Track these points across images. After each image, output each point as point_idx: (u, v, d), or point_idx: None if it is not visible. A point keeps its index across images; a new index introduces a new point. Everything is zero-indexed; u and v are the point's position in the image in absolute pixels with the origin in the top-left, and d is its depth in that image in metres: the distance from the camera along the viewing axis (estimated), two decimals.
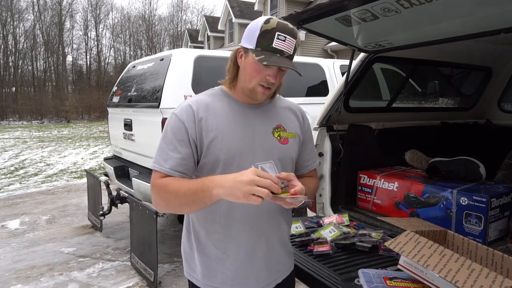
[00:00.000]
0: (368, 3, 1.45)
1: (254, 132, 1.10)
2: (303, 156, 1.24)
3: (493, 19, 1.48)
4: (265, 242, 1.13)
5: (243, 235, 1.10)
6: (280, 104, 1.21)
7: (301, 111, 1.26)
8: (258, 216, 1.11)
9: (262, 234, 1.12)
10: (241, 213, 1.09)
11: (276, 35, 1.01)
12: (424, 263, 1.05)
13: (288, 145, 1.15)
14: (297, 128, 1.20)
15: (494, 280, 0.95)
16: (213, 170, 1.07)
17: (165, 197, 1.03)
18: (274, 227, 1.16)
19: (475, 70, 2.93)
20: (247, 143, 1.07)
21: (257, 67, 1.03)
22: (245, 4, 19.32)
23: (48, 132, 17.16)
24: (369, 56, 2.23)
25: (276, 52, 1.01)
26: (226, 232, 1.10)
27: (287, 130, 1.16)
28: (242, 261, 1.11)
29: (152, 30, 39.87)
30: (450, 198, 1.75)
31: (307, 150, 1.25)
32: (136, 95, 3.63)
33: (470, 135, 2.77)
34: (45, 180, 7.01)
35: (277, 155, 1.11)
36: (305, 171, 1.27)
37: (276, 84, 1.08)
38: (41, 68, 34.02)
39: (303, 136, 1.22)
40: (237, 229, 1.10)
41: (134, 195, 3.31)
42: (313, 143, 1.30)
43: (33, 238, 3.98)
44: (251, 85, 1.06)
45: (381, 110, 2.68)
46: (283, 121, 1.17)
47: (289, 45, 1.03)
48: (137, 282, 2.96)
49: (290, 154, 1.16)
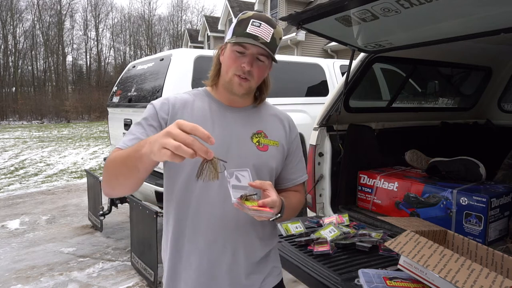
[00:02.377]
0: (368, 3, 1.45)
1: (231, 135, 1.03)
2: (288, 168, 1.15)
3: (493, 19, 1.48)
4: (230, 255, 1.03)
5: (206, 243, 1.02)
6: (266, 111, 1.15)
7: (289, 120, 1.18)
8: (224, 224, 1.02)
9: (228, 246, 1.03)
10: (208, 219, 1.02)
11: (251, 21, 0.99)
12: (424, 263, 1.05)
13: (267, 153, 1.07)
14: (282, 137, 1.12)
15: (494, 280, 0.95)
16: (179, 171, 1.01)
17: (107, 168, 0.92)
18: (242, 239, 1.05)
19: (475, 70, 2.93)
20: (221, 146, 1.00)
21: (233, 55, 1.00)
22: (245, 4, 19.33)
23: (48, 132, 17.16)
24: (369, 56, 2.23)
25: (249, 37, 0.97)
26: (192, 237, 1.03)
27: (268, 137, 1.08)
28: (204, 271, 1.03)
29: (152, 30, 39.90)
30: (450, 198, 1.75)
31: (293, 162, 1.16)
32: (136, 95, 3.63)
33: (470, 135, 2.77)
34: (45, 180, 7.01)
35: (252, 162, 1.03)
36: (290, 185, 1.17)
37: (255, 77, 1.01)
38: (41, 68, 34.05)
39: (288, 146, 1.14)
40: (202, 236, 1.02)
41: (134, 195, 3.31)
42: (301, 155, 1.20)
43: (33, 238, 3.98)
44: (228, 76, 1.02)
45: (381, 110, 2.68)
46: (265, 127, 1.09)
47: (264, 31, 0.99)
48: (137, 282, 2.96)
49: (268, 162, 1.07)
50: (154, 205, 3.06)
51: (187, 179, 1.01)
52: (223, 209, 1.01)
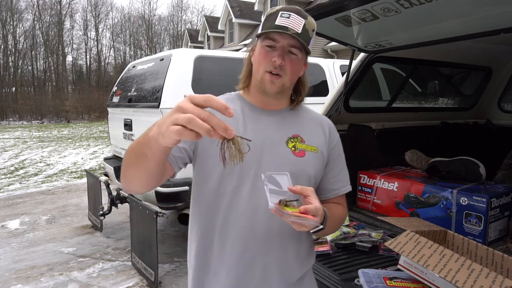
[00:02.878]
0: (368, 3, 1.45)
1: (264, 139, 0.95)
2: (329, 178, 1.05)
3: (493, 19, 1.48)
4: (260, 269, 0.94)
5: (234, 256, 0.93)
6: (304, 114, 1.06)
7: (330, 125, 1.08)
8: (254, 234, 0.93)
9: (257, 259, 0.93)
10: (237, 230, 0.93)
11: (280, 13, 0.92)
12: (424, 263, 1.05)
13: (304, 159, 0.97)
14: (321, 143, 1.02)
15: (494, 280, 0.95)
16: (210, 175, 0.94)
17: (123, 160, 0.84)
18: (276, 254, 0.95)
19: (475, 70, 2.93)
20: (253, 151, 0.91)
21: (263, 51, 0.93)
22: (245, 4, 19.33)
23: (48, 132, 17.15)
24: (369, 56, 2.24)
25: (278, 28, 0.90)
26: (219, 250, 0.95)
27: (305, 142, 0.99)
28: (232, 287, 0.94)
29: (152, 30, 39.90)
30: (450, 198, 1.75)
31: (334, 171, 1.05)
32: (136, 95, 3.63)
33: (470, 135, 2.77)
34: (45, 180, 7.01)
35: (288, 169, 0.92)
36: (331, 196, 1.06)
37: (288, 72, 0.93)
38: (41, 68, 34.06)
39: (328, 153, 1.03)
40: (230, 249, 0.93)
41: (134, 195, 3.31)
42: (344, 163, 1.09)
43: (33, 238, 3.98)
44: (259, 75, 0.95)
45: (381, 110, 2.68)
46: (302, 132, 1.00)
47: (295, 22, 0.91)
48: (137, 282, 2.96)
49: (306, 169, 0.97)
50: (154, 205, 3.06)
51: (216, 185, 0.94)
52: (254, 218, 0.92)
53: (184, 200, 3.03)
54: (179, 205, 3.06)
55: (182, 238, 3.89)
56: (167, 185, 2.96)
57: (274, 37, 0.92)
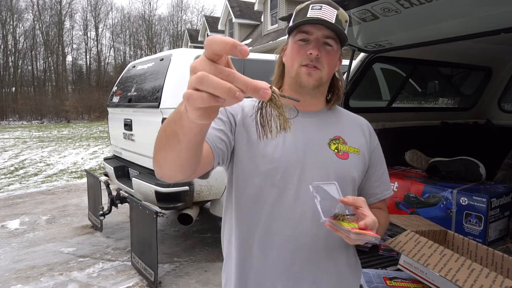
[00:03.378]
0: (368, 3, 1.45)
1: (307, 142, 0.90)
2: (371, 181, 1.00)
3: (493, 19, 1.48)
4: (311, 282, 0.88)
5: (281, 268, 0.87)
6: (342, 115, 1.01)
7: (369, 127, 1.04)
8: (301, 245, 0.86)
9: (306, 271, 0.87)
10: (280, 240, 0.86)
11: (310, 6, 0.88)
12: (424, 262, 1.05)
13: (348, 161, 0.91)
14: (362, 144, 0.97)
15: (494, 280, 0.95)
16: (249, 180, 0.88)
17: (155, 140, 0.70)
18: (324, 263, 0.89)
19: (475, 70, 2.93)
20: (295, 152, 0.87)
21: (296, 46, 0.88)
22: (245, 4, 19.33)
23: (48, 132, 17.15)
24: (369, 56, 2.24)
25: (311, 20, 0.86)
26: (261, 261, 0.88)
27: (348, 143, 0.94)
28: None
29: (152, 30, 39.90)
30: (450, 198, 1.75)
31: (376, 174, 1.00)
32: (136, 95, 3.63)
33: (470, 135, 2.77)
34: (45, 180, 7.01)
35: (334, 172, 0.88)
36: (374, 201, 1.01)
37: (325, 64, 0.87)
38: (41, 68, 34.07)
39: (370, 155, 0.98)
40: (275, 259, 0.87)
41: (134, 195, 3.31)
42: (385, 166, 1.04)
43: (33, 238, 3.98)
44: (294, 70, 0.89)
45: (381, 110, 2.68)
46: (343, 133, 0.95)
47: (327, 12, 0.86)
48: (137, 282, 2.96)
49: (351, 172, 0.92)
50: (154, 205, 3.06)
51: (256, 192, 0.88)
52: (299, 227, 0.87)
53: (184, 200, 3.04)
54: (179, 205, 3.06)
55: (182, 238, 3.89)
56: (167, 185, 2.96)
57: (308, 29, 0.87)
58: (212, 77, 0.41)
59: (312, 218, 0.84)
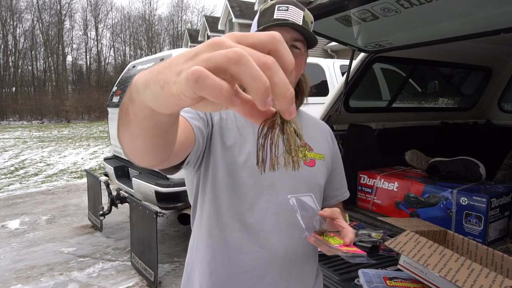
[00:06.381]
0: (368, 3, 1.45)
1: None
2: (332, 184, 1.02)
3: (493, 19, 1.48)
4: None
5: (253, 281, 0.85)
6: (306, 120, 1.00)
7: (330, 131, 1.05)
8: (274, 256, 0.85)
9: (279, 283, 0.87)
10: (252, 249, 0.84)
11: (276, 7, 0.85)
12: (424, 262, 1.05)
13: (315, 168, 0.92)
14: (326, 150, 0.98)
15: (494, 280, 0.95)
16: (222, 185, 0.84)
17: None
18: (296, 270, 0.89)
19: (475, 70, 2.93)
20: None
21: None
22: (245, 4, 19.34)
23: (48, 132, 17.15)
24: (369, 56, 2.24)
25: (278, 22, 0.83)
26: (232, 269, 0.86)
27: (314, 150, 0.94)
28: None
29: (152, 30, 39.91)
30: (450, 198, 1.75)
31: (337, 177, 1.03)
32: None
33: (470, 135, 2.77)
34: (45, 180, 7.01)
35: (302, 180, 0.88)
36: (334, 202, 1.04)
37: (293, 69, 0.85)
38: (41, 68, 34.09)
39: (332, 160, 1.00)
40: (247, 273, 0.85)
41: (134, 195, 3.31)
42: (343, 169, 1.07)
43: (33, 238, 3.98)
44: None
45: (381, 110, 2.69)
46: (309, 139, 0.94)
47: (294, 14, 0.83)
48: (137, 282, 2.96)
49: (318, 180, 0.92)
50: (154, 205, 3.06)
51: (227, 201, 0.84)
52: (272, 239, 0.86)
53: (184, 200, 3.04)
54: (179, 205, 3.06)
55: (182, 238, 3.89)
56: (167, 185, 2.96)
57: (274, 31, 0.85)
58: (253, 63, 0.28)
59: (287, 229, 0.84)
